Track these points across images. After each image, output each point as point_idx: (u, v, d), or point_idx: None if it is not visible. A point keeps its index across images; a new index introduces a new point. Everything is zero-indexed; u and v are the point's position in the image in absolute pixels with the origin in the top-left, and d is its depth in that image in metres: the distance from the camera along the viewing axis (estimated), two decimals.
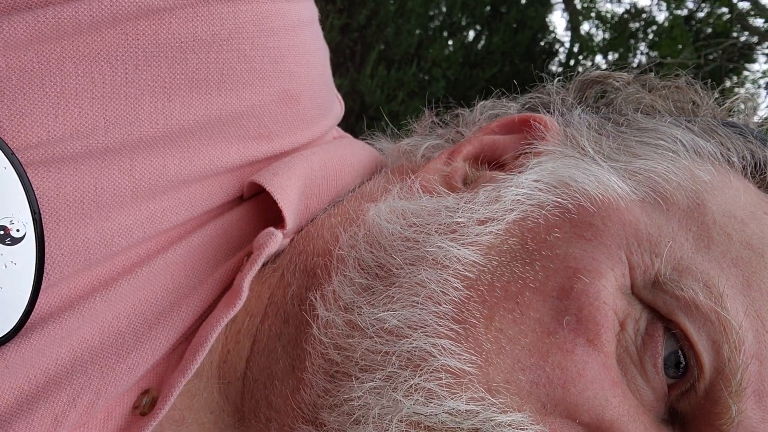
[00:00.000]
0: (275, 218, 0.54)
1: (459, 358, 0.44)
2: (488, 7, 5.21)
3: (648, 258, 0.47)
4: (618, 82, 0.61)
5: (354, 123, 4.56)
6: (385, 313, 0.46)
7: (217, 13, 0.48)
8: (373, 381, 0.45)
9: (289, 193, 0.53)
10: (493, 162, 0.57)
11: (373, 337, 0.46)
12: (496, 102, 0.65)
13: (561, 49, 5.85)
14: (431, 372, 0.44)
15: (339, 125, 0.69)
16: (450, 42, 5.06)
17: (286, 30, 0.53)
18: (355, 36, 4.70)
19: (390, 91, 4.62)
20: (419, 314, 0.46)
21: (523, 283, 0.46)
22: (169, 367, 0.51)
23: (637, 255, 0.47)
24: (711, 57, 5.03)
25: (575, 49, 5.77)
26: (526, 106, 0.64)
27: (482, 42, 5.25)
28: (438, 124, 0.67)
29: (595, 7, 5.88)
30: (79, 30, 0.44)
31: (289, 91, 0.55)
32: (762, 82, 5.61)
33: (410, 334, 0.45)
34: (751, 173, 0.54)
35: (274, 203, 0.53)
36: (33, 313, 0.44)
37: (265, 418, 0.51)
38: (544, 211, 0.49)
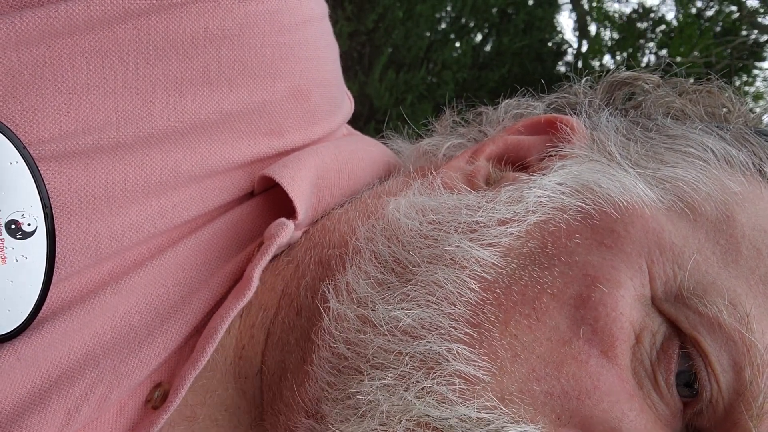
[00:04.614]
0: (287, 211, 0.54)
1: (473, 365, 0.44)
2: (495, 9, 5.21)
3: (670, 269, 0.46)
4: (648, 84, 0.60)
5: (363, 127, 4.56)
6: (400, 312, 0.46)
7: (227, 9, 0.48)
8: (384, 379, 0.45)
9: (300, 184, 0.53)
10: (517, 163, 0.56)
11: (386, 335, 0.46)
12: (521, 101, 0.64)
13: (569, 50, 5.84)
14: (444, 376, 0.44)
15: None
16: (458, 44, 5.06)
17: (296, 25, 0.53)
18: (363, 39, 4.71)
19: (399, 94, 4.62)
20: (434, 315, 0.45)
21: (540, 288, 0.45)
22: (180, 361, 0.51)
23: (659, 265, 0.46)
24: (720, 56, 5.00)
25: (583, 50, 5.75)
26: (552, 107, 0.63)
27: (490, 44, 5.25)
28: (459, 123, 0.67)
29: (602, 7, 5.86)
30: (90, 25, 0.44)
31: (299, 86, 0.55)
32: None
33: (424, 336, 0.45)
34: None
35: (286, 196, 0.52)
36: (44, 307, 0.44)
37: (277, 411, 0.51)
38: (566, 215, 0.48)
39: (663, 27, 5.73)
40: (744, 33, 5.34)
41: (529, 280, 0.46)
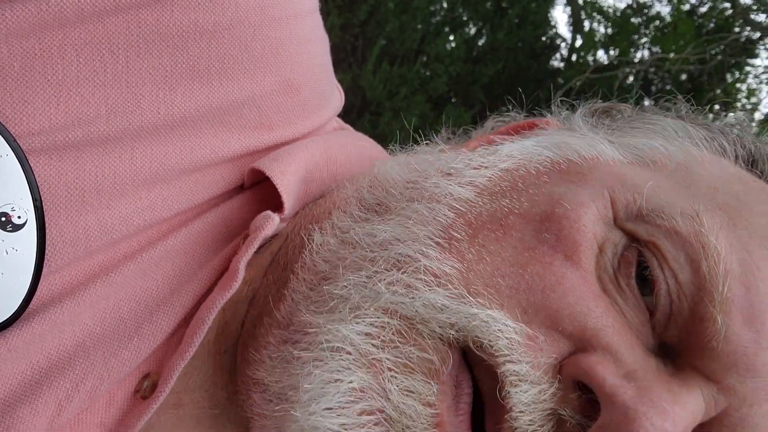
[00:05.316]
0: (275, 205, 0.54)
1: (442, 263, 0.46)
2: (489, 2, 5.20)
3: (630, 196, 0.48)
4: (621, 109, 0.63)
5: (356, 119, 4.55)
6: (377, 227, 0.50)
7: (218, 2, 0.48)
8: (358, 277, 0.48)
9: (289, 179, 0.54)
10: None
11: (364, 249, 0.49)
12: (506, 116, 0.68)
13: (563, 45, 5.84)
14: (413, 270, 0.46)
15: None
16: (452, 37, 5.06)
17: (287, 19, 0.54)
18: (356, 31, 4.70)
19: (392, 87, 4.62)
20: (408, 230, 0.49)
21: (508, 210, 0.49)
22: (168, 351, 0.51)
23: (620, 193, 0.49)
24: (713, 52, 5.02)
25: (577, 45, 5.76)
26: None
27: (484, 38, 5.25)
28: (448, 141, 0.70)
29: (597, 2, 5.86)
30: (81, 18, 0.44)
31: (290, 80, 0.55)
32: (764, 77, 5.59)
33: (399, 244, 0.48)
34: (743, 161, 0.55)
35: (275, 189, 0.53)
36: (34, 299, 0.44)
37: (247, 354, 0.52)
38: (535, 164, 0.52)
39: (657, 23, 5.74)
40: (737, 30, 5.35)
41: (498, 207, 0.49)
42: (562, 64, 5.85)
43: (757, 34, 5.32)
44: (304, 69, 0.56)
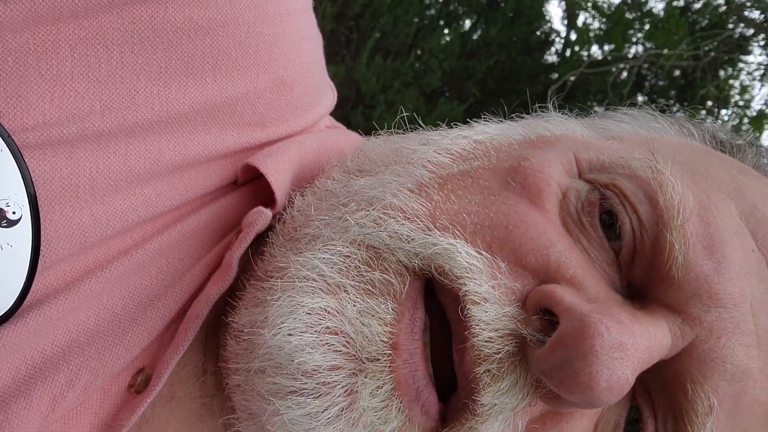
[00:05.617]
0: (268, 200, 0.55)
1: (411, 200, 0.49)
2: None
3: (594, 155, 0.52)
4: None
5: (350, 112, 4.55)
6: (354, 181, 0.53)
7: None
8: (330, 217, 0.50)
9: (283, 176, 0.54)
10: None
11: (339, 197, 0.52)
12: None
13: (557, 39, 5.84)
14: (382, 206, 0.49)
15: (334, 114, 0.70)
16: (446, 32, 5.05)
17: (281, 17, 0.54)
18: (350, 24, 4.69)
19: (386, 80, 4.62)
20: (382, 180, 0.52)
21: (479, 165, 0.52)
22: (162, 346, 0.52)
23: (584, 153, 0.52)
24: (707, 49, 5.03)
25: (572, 38, 5.76)
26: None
27: (478, 32, 5.24)
28: None
29: None
30: (75, 13, 0.44)
31: (283, 78, 0.55)
32: (757, 74, 5.61)
33: (371, 190, 0.51)
34: (710, 145, 0.58)
35: (267, 186, 0.53)
36: (29, 295, 0.44)
37: (228, 318, 0.53)
38: (507, 137, 0.56)
39: (650, 19, 5.74)
40: (730, 27, 5.37)
41: (470, 166, 0.52)
42: (556, 59, 5.85)
43: (751, 31, 5.34)
44: (298, 66, 0.57)
